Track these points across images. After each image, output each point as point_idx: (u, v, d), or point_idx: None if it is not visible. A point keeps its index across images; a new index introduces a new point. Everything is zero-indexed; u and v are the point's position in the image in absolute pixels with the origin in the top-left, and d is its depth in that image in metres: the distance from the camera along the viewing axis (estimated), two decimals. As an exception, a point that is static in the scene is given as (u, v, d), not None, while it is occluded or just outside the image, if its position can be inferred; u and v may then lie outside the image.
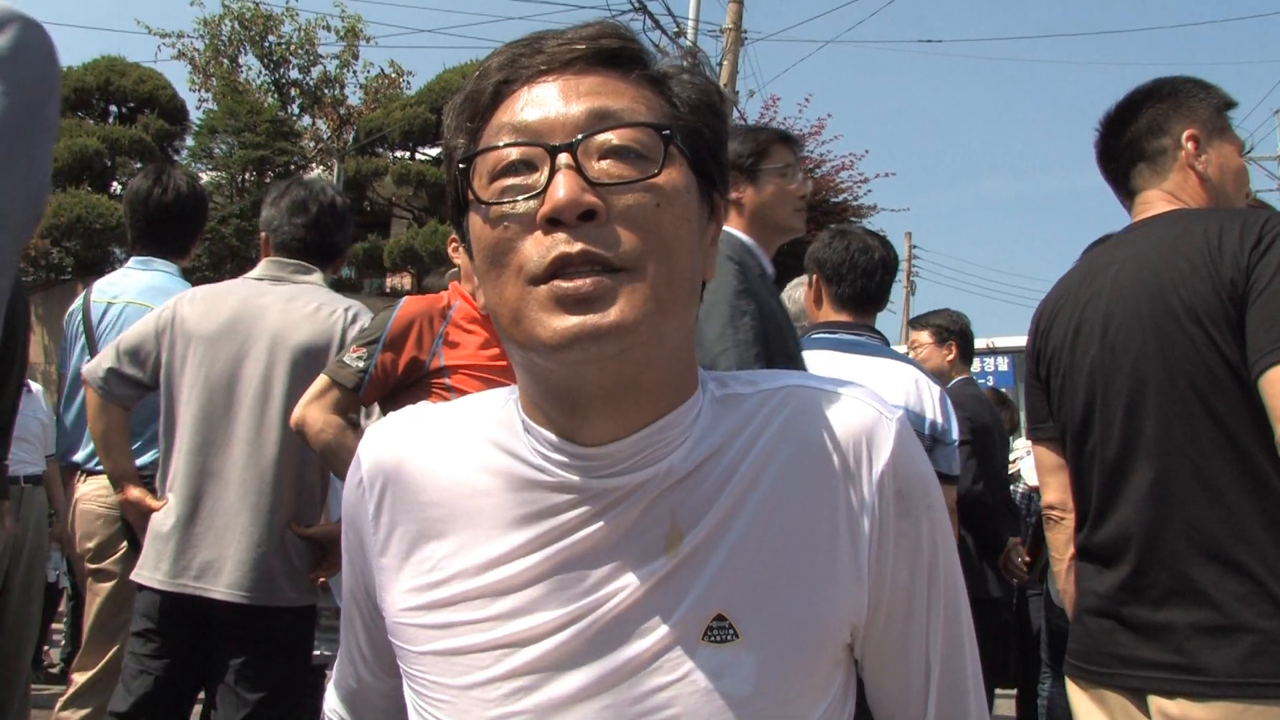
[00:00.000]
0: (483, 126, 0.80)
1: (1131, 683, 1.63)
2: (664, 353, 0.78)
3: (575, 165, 0.74)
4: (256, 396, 2.41)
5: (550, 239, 0.73)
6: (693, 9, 12.96)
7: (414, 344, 2.27)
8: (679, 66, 0.84)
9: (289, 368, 2.41)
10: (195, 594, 2.32)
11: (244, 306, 2.49)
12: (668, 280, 0.75)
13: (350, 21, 19.42)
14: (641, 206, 0.75)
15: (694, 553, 0.80)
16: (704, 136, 0.82)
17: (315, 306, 2.49)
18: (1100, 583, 1.71)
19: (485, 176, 0.78)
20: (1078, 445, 1.78)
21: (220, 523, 2.36)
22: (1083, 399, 1.75)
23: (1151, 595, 1.61)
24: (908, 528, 0.83)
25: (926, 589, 0.85)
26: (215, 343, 2.44)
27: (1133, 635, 1.63)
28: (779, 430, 0.83)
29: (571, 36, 0.80)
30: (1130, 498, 1.66)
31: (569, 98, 0.77)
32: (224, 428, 2.40)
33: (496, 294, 0.77)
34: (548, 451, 0.82)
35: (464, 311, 2.35)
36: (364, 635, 0.97)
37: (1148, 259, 1.70)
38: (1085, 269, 1.85)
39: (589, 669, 0.79)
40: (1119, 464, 1.68)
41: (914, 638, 0.85)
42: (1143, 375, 1.65)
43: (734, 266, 2.20)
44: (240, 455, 2.38)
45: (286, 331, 2.44)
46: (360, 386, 2.24)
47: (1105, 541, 1.71)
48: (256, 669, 2.32)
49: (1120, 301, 1.71)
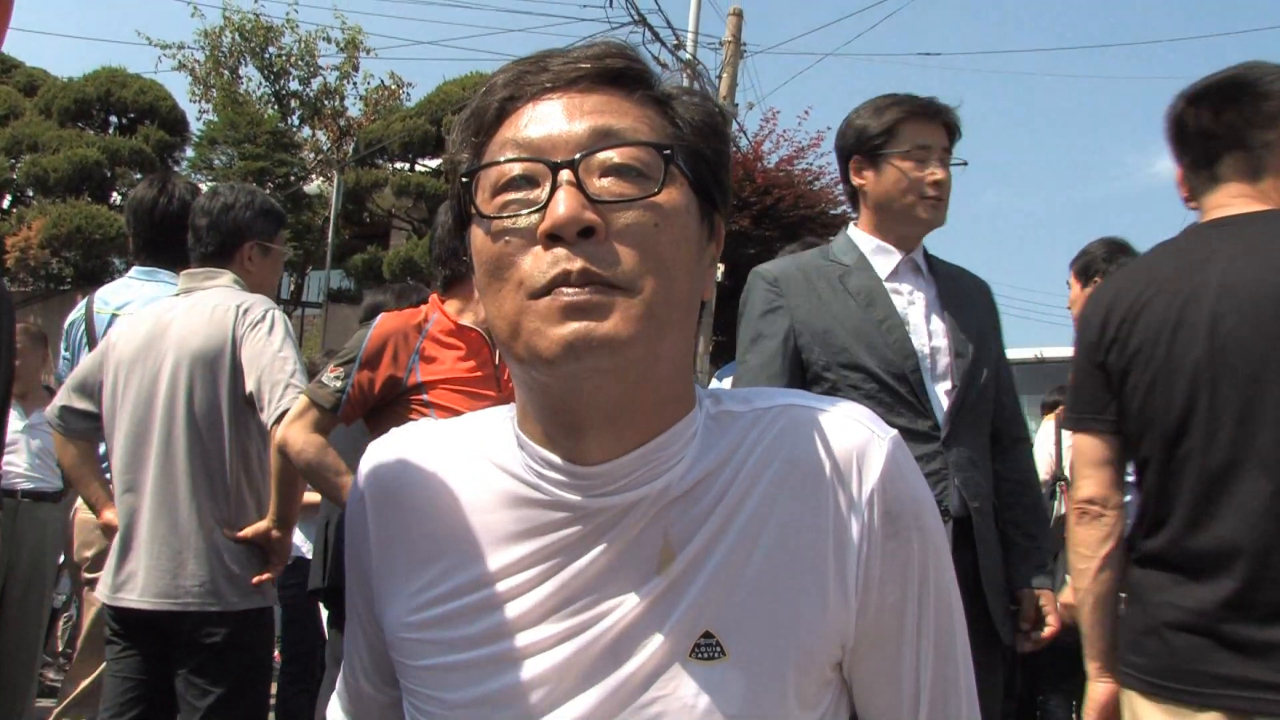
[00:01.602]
0: (487, 142, 0.81)
1: (1237, 704, 1.54)
2: (660, 371, 0.79)
3: (576, 182, 0.75)
4: (165, 409, 2.44)
5: (550, 254, 0.74)
6: (692, 22, 13.03)
7: (390, 361, 2.28)
8: (683, 88, 0.84)
9: (189, 375, 2.44)
10: (119, 605, 2.41)
11: (155, 324, 2.53)
12: (664, 299, 0.76)
13: (350, 33, 19.50)
14: (640, 225, 0.76)
15: (685, 571, 0.80)
16: (706, 157, 0.83)
17: (210, 309, 2.50)
18: (1188, 596, 1.61)
19: (488, 191, 0.78)
20: (1169, 448, 1.67)
21: (143, 535, 2.42)
22: (1181, 401, 1.65)
23: (1260, 613, 1.53)
24: (898, 549, 0.82)
25: (917, 610, 0.84)
26: (134, 364, 2.51)
27: (1235, 654, 1.55)
28: (770, 449, 0.83)
29: (577, 55, 0.80)
30: (1239, 509, 1.57)
31: (573, 115, 0.78)
32: (143, 444, 2.46)
33: (496, 307, 0.77)
34: (543, 470, 0.82)
35: (441, 325, 2.35)
36: (365, 648, 0.97)
37: (1269, 259, 1.61)
38: (1177, 260, 1.73)
39: (583, 685, 0.79)
40: (1224, 472, 1.59)
41: (904, 659, 0.85)
42: (1261, 381, 1.57)
43: (764, 285, 2.17)
44: (154, 468, 2.43)
45: (186, 340, 2.47)
46: (338, 406, 2.26)
47: (1201, 552, 1.61)
48: (204, 675, 2.36)
49: (1231, 301, 1.61)
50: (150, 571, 2.38)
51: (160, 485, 2.41)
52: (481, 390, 2.26)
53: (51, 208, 16.16)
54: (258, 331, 2.42)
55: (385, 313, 2.47)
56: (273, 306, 2.51)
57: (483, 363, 2.33)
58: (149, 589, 2.38)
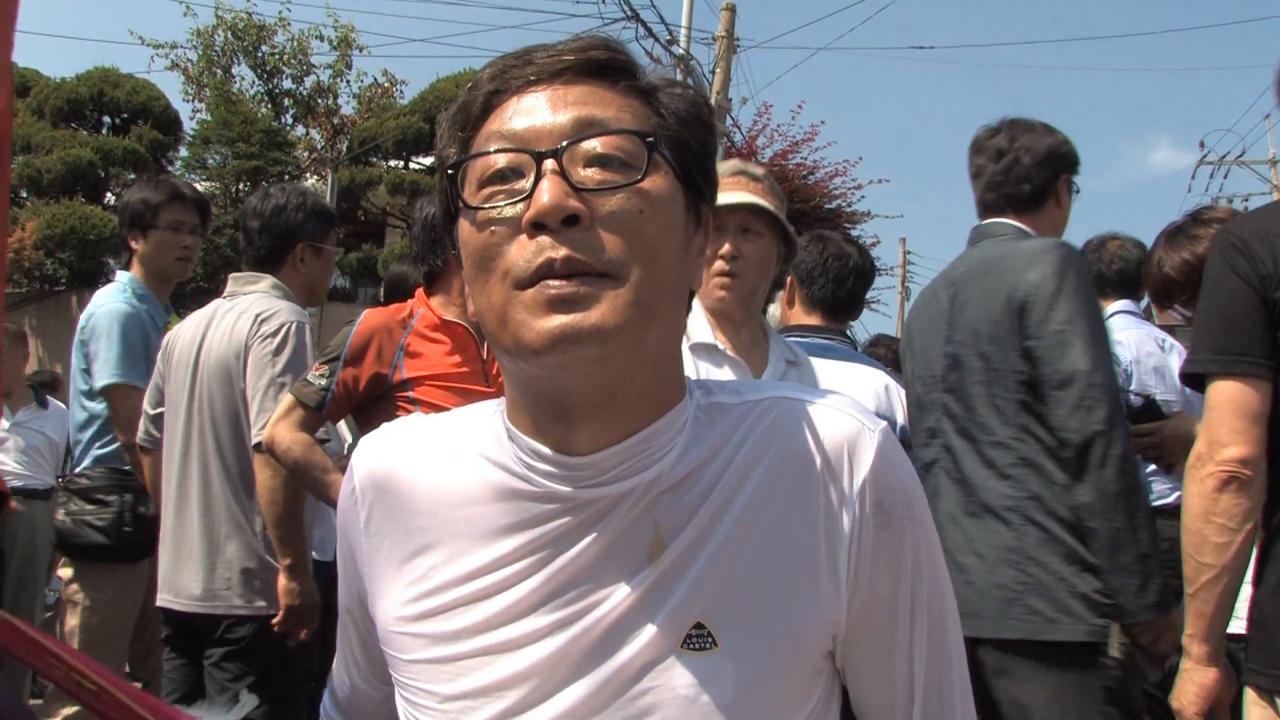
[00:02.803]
0: (473, 135, 0.82)
1: None
2: (647, 359, 0.79)
3: (560, 171, 0.75)
4: (197, 415, 2.50)
5: (535, 243, 0.75)
6: (685, 17, 13.00)
7: (374, 358, 2.27)
8: (668, 79, 0.85)
9: (210, 383, 2.49)
10: (162, 607, 2.50)
11: (197, 329, 2.57)
12: (651, 286, 0.76)
13: (343, 31, 19.42)
14: (625, 212, 0.76)
15: (676, 561, 0.80)
16: (690, 147, 0.83)
17: (236, 317, 2.52)
18: None
19: (474, 184, 0.79)
20: None
21: (174, 537, 2.50)
22: None
23: None
24: (889, 539, 0.83)
25: (910, 601, 0.85)
26: (179, 368, 2.56)
27: None
28: (761, 440, 0.83)
29: (561, 48, 0.82)
30: None
31: (556, 107, 0.79)
32: (179, 449, 2.52)
33: (484, 298, 0.78)
34: (533, 461, 0.83)
35: (426, 319, 2.34)
36: (358, 643, 0.98)
37: None
38: None
39: (575, 676, 0.80)
40: None
41: (898, 649, 0.85)
42: None
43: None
44: (189, 471, 2.50)
45: (213, 347, 2.51)
46: (323, 405, 2.25)
47: None
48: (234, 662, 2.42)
49: None
50: (183, 574, 2.45)
51: (195, 488, 2.47)
52: (469, 385, 2.25)
53: (45, 208, 16.11)
54: (264, 347, 2.43)
55: (369, 309, 2.47)
56: (293, 319, 2.49)
57: (470, 358, 2.32)
58: (184, 591, 2.45)
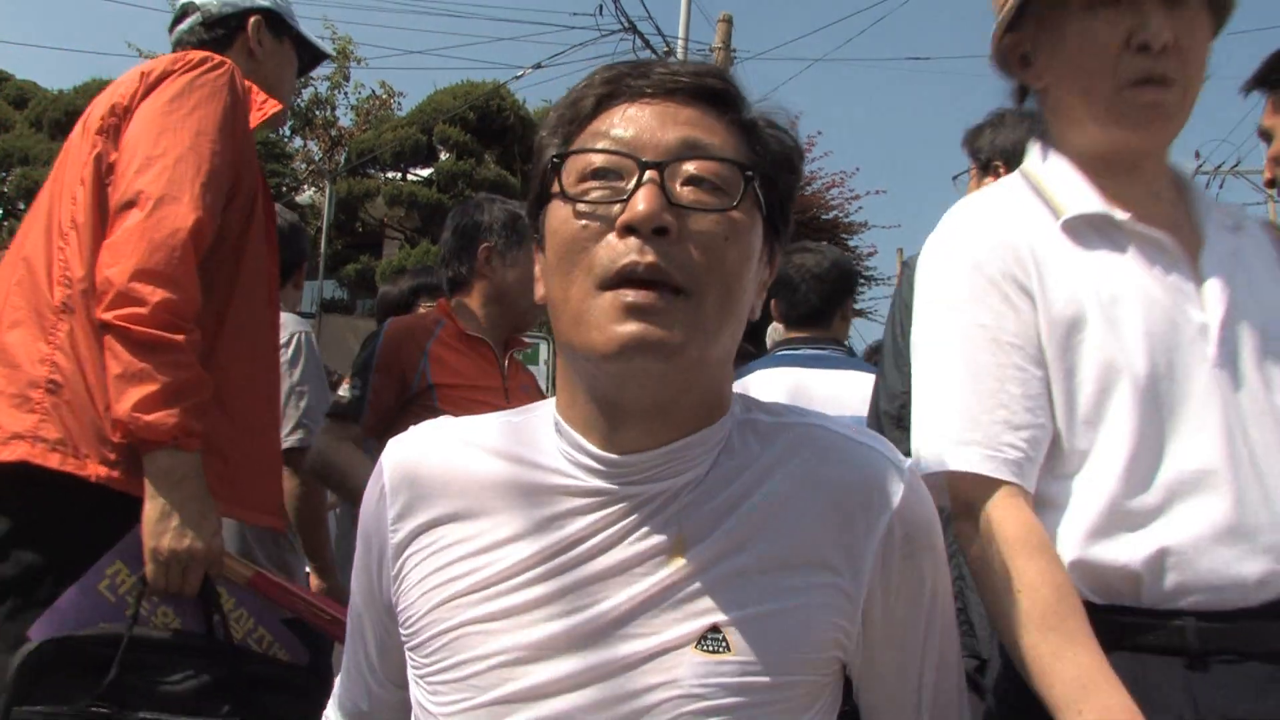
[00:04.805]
0: (578, 132, 0.86)
1: None
2: (703, 378, 0.83)
3: (660, 183, 0.79)
4: None
5: (624, 244, 0.78)
6: (682, 29, 13.04)
7: (403, 363, 2.27)
8: (769, 119, 0.89)
9: None
10: None
11: None
12: (720, 309, 0.80)
13: (341, 43, 19.47)
14: (712, 234, 0.80)
15: (697, 564, 0.83)
16: (779, 187, 0.88)
17: None
18: None
19: (574, 175, 0.83)
20: None
21: None
22: None
23: None
24: (911, 568, 0.87)
25: (925, 621, 0.90)
26: None
27: None
28: (795, 465, 0.87)
29: (678, 69, 0.86)
30: None
31: (666, 123, 0.83)
32: None
33: (562, 291, 0.81)
34: (575, 454, 0.86)
35: (450, 329, 2.35)
36: (374, 646, 1.00)
37: None
38: None
39: (582, 658, 0.82)
40: None
41: (909, 663, 0.90)
42: None
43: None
44: None
45: None
46: (360, 415, 2.23)
47: None
48: None
49: None
50: None
51: None
52: (490, 400, 2.25)
53: (43, 220, 16.10)
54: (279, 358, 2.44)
55: (393, 318, 2.49)
56: (300, 330, 2.53)
57: (490, 374, 2.33)
58: None
